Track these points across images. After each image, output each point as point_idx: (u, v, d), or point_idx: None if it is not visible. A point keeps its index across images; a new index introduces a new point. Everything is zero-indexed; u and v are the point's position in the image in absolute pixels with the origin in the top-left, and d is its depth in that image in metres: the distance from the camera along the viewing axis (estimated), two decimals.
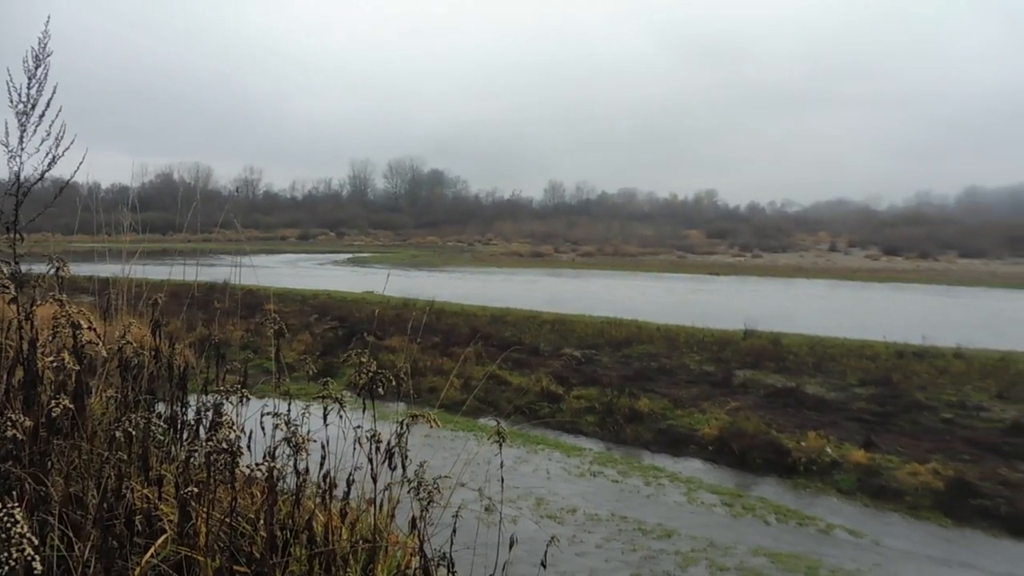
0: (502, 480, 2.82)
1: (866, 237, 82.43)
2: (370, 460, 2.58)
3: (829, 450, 9.28)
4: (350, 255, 67.38)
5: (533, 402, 12.01)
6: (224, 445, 2.17)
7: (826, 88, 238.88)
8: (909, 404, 12.14)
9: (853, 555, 6.83)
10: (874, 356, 16.59)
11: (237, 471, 2.23)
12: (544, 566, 2.80)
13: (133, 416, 2.33)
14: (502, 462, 2.52)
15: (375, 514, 2.67)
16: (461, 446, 9.23)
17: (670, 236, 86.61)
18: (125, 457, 2.39)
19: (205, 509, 2.30)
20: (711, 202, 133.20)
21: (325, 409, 2.68)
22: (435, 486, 2.27)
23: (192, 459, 2.42)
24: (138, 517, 2.42)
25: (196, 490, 2.21)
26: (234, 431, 2.27)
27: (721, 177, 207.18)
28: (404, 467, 2.49)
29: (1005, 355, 16.48)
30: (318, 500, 2.86)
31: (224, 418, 2.34)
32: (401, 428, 2.49)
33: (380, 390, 2.55)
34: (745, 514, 7.81)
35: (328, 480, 2.86)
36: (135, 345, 3.11)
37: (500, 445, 2.55)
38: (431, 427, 2.46)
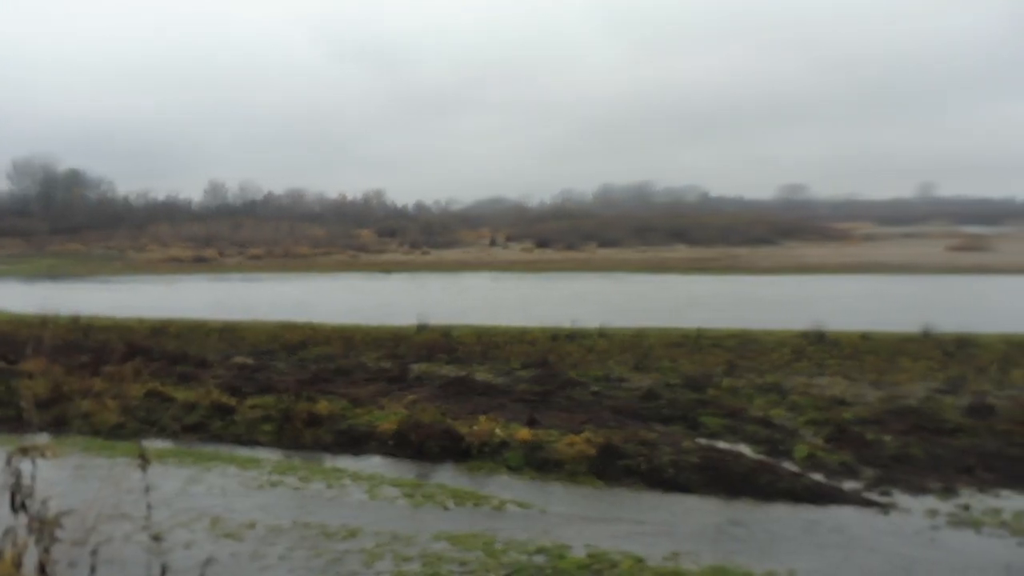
0: (148, 506, 2.57)
1: (521, 231, 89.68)
2: None
3: (498, 431, 9.92)
4: None
5: (203, 417, 11.25)
6: None
7: (480, 94, 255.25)
8: (564, 382, 13.43)
9: (524, 525, 7.38)
10: (533, 341, 18.09)
11: None
12: None
13: None
14: (147, 486, 2.29)
15: None
16: (121, 474, 8.34)
17: (342, 236, 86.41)
18: None
19: None
20: (380, 202, 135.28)
21: None
22: (57, 522, 1.98)
23: None
24: None
25: None
26: None
27: (388, 177, 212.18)
28: (26, 507, 2.14)
29: (638, 331, 18.94)
30: None
31: None
32: (8, 463, 2.14)
33: None
34: (425, 502, 8.05)
35: None
36: None
37: (144, 468, 2.32)
38: (45, 457, 2.15)
